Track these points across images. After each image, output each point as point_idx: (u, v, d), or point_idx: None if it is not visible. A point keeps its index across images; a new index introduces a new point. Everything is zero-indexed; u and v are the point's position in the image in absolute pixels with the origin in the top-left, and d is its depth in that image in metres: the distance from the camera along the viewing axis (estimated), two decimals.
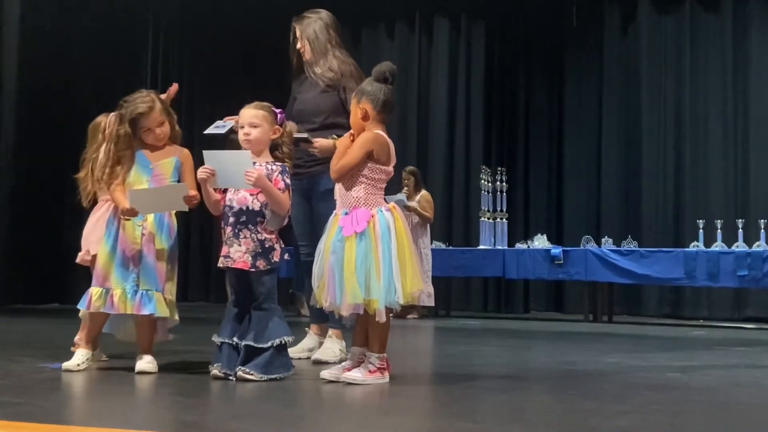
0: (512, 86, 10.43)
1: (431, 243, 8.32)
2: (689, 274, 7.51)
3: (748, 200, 8.93)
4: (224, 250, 3.55)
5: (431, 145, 10.26)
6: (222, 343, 3.52)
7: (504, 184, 8.83)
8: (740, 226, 7.67)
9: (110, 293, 3.63)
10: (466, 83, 10.25)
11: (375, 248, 3.37)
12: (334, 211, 3.54)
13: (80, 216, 4.21)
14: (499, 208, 8.75)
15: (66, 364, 3.63)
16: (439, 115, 10.26)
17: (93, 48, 9.32)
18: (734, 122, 9.18)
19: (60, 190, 9.00)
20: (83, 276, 4.27)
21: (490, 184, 8.80)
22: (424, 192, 8.26)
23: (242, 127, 3.59)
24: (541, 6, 10.04)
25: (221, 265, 3.57)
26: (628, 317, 8.78)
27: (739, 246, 7.54)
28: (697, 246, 7.72)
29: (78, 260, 4.09)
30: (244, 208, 3.52)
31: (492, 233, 8.66)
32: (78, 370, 3.61)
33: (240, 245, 3.51)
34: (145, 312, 3.61)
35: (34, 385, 3.32)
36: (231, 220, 3.54)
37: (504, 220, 8.76)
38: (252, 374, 3.39)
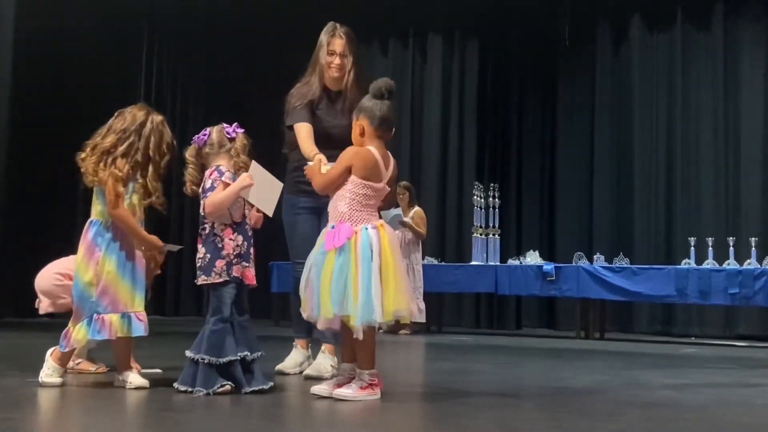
0: (505, 103, 10.48)
1: (423, 259, 8.33)
2: (680, 292, 7.53)
3: (739, 218, 8.97)
4: (253, 269, 3.66)
5: (424, 161, 10.29)
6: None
7: (496, 200, 8.86)
8: (731, 243, 7.70)
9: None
10: (459, 100, 10.30)
11: (354, 265, 3.34)
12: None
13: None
14: (491, 224, 8.77)
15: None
16: (433, 131, 10.30)
17: (87, 52, 9.30)
18: (725, 139, 9.23)
19: (51, 200, 8.99)
20: None
21: (482, 200, 8.82)
22: (417, 208, 8.28)
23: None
24: (534, 24, 10.10)
25: (255, 284, 3.67)
26: (620, 334, 8.79)
27: (730, 264, 7.57)
28: (689, 263, 7.74)
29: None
30: (253, 228, 3.71)
31: (484, 249, 8.67)
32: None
33: (253, 263, 3.69)
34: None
35: (23, 401, 3.31)
36: (252, 240, 3.69)
37: (496, 236, 8.78)
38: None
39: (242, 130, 3.72)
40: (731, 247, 7.67)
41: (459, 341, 7.57)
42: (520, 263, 8.40)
